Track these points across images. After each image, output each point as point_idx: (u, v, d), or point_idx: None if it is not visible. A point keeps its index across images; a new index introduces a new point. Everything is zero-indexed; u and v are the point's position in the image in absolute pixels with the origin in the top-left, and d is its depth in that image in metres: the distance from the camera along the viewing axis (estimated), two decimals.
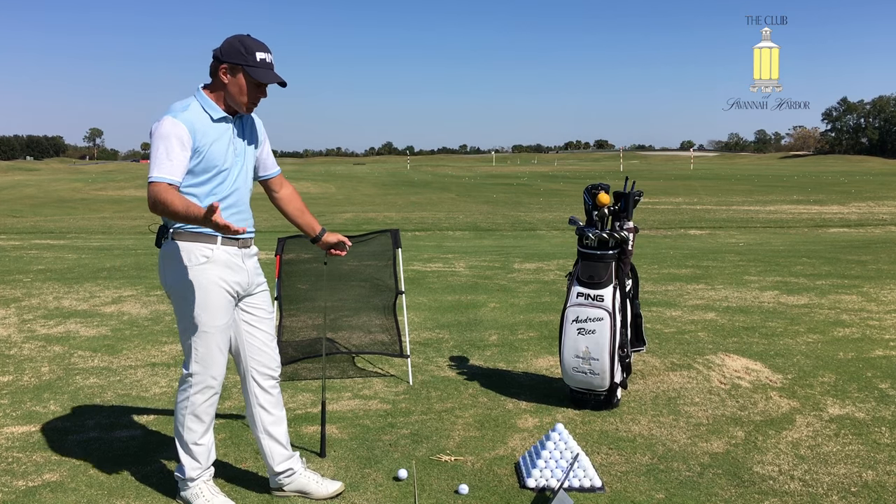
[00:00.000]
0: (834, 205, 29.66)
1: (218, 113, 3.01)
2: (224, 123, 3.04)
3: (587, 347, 4.37)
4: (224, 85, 2.98)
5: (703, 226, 20.80)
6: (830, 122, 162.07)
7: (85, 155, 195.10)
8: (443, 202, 35.61)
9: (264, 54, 2.96)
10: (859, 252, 12.33)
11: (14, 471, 3.60)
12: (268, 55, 2.98)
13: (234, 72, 2.95)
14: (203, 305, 3.02)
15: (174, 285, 3.05)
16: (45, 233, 19.87)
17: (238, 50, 2.93)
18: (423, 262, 11.17)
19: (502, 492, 3.37)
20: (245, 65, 2.94)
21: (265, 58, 2.97)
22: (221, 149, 3.01)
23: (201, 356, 3.07)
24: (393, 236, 5.31)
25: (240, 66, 2.94)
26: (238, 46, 2.94)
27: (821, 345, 5.88)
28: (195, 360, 3.07)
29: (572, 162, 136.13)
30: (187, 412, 3.13)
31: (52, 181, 56.95)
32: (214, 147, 2.98)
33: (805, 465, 3.61)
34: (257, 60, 2.94)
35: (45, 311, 7.38)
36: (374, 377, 5.14)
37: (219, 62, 2.97)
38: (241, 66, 2.94)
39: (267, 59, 2.97)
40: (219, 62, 2.97)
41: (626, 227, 4.61)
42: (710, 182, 52.23)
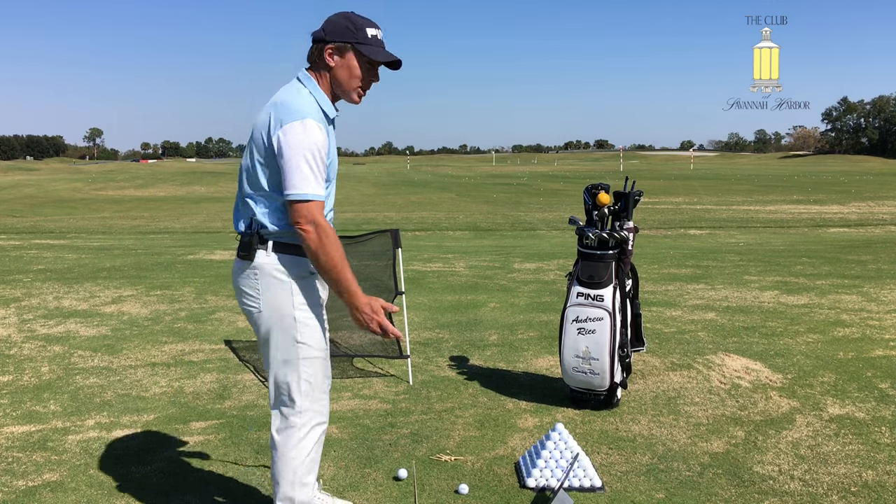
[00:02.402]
0: (834, 205, 29.65)
1: (332, 111, 2.63)
2: (332, 124, 2.66)
3: (587, 347, 4.37)
4: (330, 69, 2.57)
5: (703, 226, 20.79)
6: (830, 122, 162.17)
7: (85, 155, 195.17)
8: (443, 202, 35.60)
9: (375, 30, 2.59)
10: (859, 252, 12.33)
11: (14, 471, 3.60)
12: (378, 31, 2.60)
13: (343, 52, 2.55)
14: (314, 327, 2.61)
15: (279, 306, 2.55)
16: (45, 233, 19.87)
17: (345, 27, 2.54)
18: (423, 262, 11.17)
19: (502, 492, 3.37)
20: (356, 42, 2.54)
21: (376, 34, 2.59)
22: (334, 154, 2.64)
23: (312, 388, 2.61)
24: (393, 236, 5.31)
25: (349, 45, 2.54)
26: (345, 23, 2.55)
27: (821, 345, 5.88)
28: (304, 394, 2.60)
29: (572, 162, 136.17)
30: (303, 462, 2.64)
31: (52, 181, 56.97)
32: (332, 153, 2.60)
33: (805, 465, 3.61)
34: (368, 37, 2.56)
35: (45, 311, 7.38)
36: (374, 377, 5.14)
37: (324, 42, 2.55)
38: (350, 44, 2.54)
39: (378, 35, 2.60)
40: (324, 42, 2.55)
41: (626, 226, 4.61)
42: (710, 182, 52.23)
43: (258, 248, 2.52)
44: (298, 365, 2.58)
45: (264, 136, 2.48)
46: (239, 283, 2.61)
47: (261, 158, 2.50)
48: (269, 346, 2.59)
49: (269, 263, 2.53)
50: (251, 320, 2.63)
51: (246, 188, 2.56)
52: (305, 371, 2.59)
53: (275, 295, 2.53)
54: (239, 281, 2.60)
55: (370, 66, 2.59)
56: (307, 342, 2.58)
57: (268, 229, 2.53)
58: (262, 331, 2.59)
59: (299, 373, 2.58)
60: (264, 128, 2.48)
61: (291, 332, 2.55)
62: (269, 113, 2.49)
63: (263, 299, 2.54)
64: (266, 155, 2.48)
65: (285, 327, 2.55)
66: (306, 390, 2.59)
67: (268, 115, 2.49)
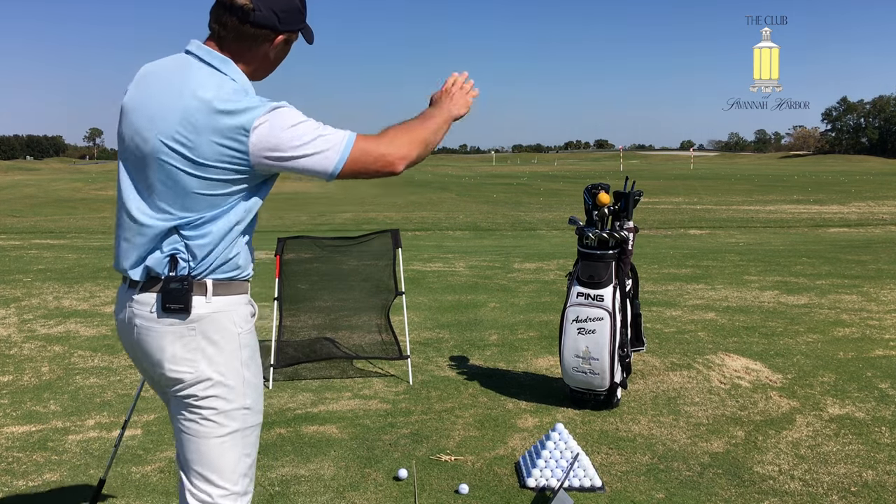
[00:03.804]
0: (834, 204, 29.64)
1: None
2: None
3: (587, 347, 4.37)
4: (262, 58, 2.04)
5: (703, 226, 20.78)
6: (830, 122, 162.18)
7: (85, 155, 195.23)
8: (443, 202, 35.58)
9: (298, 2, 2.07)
10: (859, 252, 12.33)
11: (14, 471, 3.60)
12: None
13: (291, 40, 2.09)
14: (257, 386, 2.08)
15: (225, 367, 1.98)
16: (45, 233, 19.86)
17: (296, 7, 2.04)
18: (423, 262, 11.17)
19: (502, 492, 3.37)
20: (302, 27, 2.09)
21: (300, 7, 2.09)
22: None
23: (252, 464, 2.11)
24: (393, 236, 5.31)
25: (296, 32, 2.08)
26: (295, 3, 2.03)
27: (821, 345, 5.88)
28: (247, 474, 2.09)
29: (572, 162, 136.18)
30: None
31: (52, 181, 56.96)
32: None
33: (805, 465, 3.61)
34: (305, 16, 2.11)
35: (45, 310, 7.38)
36: (374, 377, 5.14)
37: (275, 32, 2.00)
38: (299, 30, 2.08)
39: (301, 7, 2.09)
40: (275, 32, 2.00)
41: (626, 226, 4.61)
42: (710, 182, 52.22)
43: (194, 296, 1.93)
44: (246, 438, 2.05)
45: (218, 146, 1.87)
46: (158, 346, 1.96)
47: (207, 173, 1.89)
48: (202, 423, 1.99)
49: (215, 312, 1.95)
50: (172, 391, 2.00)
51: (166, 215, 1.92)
52: (251, 445, 2.08)
53: (220, 353, 1.97)
54: (157, 343, 1.96)
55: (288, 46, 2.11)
56: (253, 407, 2.06)
57: (208, 268, 1.95)
58: (192, 404, 1.98)
59: (244, 448, 2.05)
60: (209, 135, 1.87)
61: (239, 397, 2.01)
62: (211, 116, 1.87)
63: (204, 362, 1.95)
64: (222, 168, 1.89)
65: (232, 393, 1.99)
66: (249, 469, 2.09)
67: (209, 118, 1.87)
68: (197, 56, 2.00)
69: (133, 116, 1.99)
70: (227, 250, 1.97)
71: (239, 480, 2.06)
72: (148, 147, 1.93)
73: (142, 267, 1.97)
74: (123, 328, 2.06)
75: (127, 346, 2.09)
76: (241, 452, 2.05)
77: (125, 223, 2.01)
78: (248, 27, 1.98)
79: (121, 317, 2.06)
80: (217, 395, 1.99)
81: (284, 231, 16.04)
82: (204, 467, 2.02)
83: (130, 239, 1.99)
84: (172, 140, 1.90)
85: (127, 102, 2.03)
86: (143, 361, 2.04)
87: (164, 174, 1.91)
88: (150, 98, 1.98)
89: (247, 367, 2.04)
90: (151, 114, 1.95)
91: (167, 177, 1.91)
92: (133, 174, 1.99)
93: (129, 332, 2.02)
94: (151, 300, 1.96)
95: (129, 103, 2.02)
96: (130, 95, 2.03)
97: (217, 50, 2.00)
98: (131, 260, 1.99)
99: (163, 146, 1.90)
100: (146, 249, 1.96)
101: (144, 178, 1.96)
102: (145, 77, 2.05)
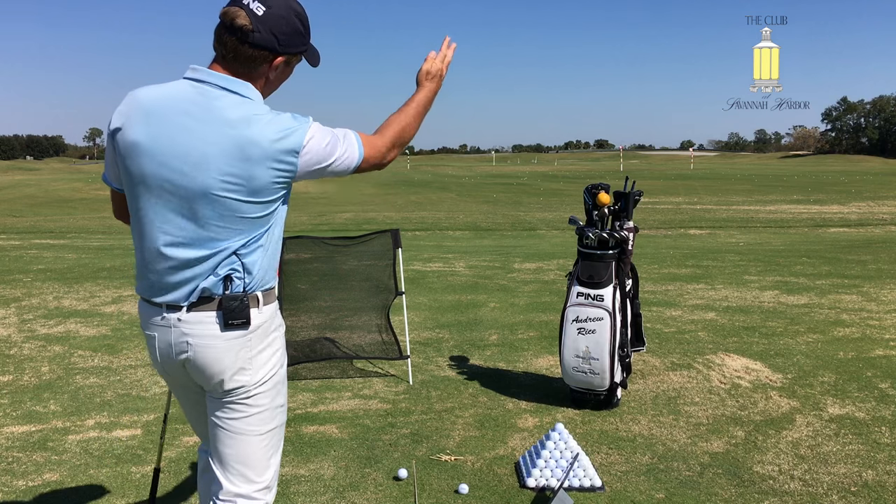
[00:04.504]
0: (834, 205, 29.65)
1: None
2: None
3: (587, 347, 4.37)
4: (261, 79, 2.04)
5: (703, 226, 20.79)
6: (830, 122, 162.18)
7: (85, 155, 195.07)
8: (443, 202, 35.59)
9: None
10: (859, 252, 12.33)
11: (14, 471, 3.60)
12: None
13: (292, 63, 2.10)
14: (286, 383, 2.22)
15: (270, 369, 2.09)
16: (45, 233, 19.86)
17: (298, 31, 2.03)
18: (423, 262, 11.17)
19: (502, 491, 3.37)
20: (305, 49, 2.09)
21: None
22: None
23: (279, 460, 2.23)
24: (393, 236, 5.31)
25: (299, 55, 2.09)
26: (297, 26, 2.02)
27: (821, 345, 5.88)
28: (275, 469, 2.19)
29: (572, 162, 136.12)
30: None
31: (52, 181, 56.94)
32: None
33: (805, 465, 3.62)
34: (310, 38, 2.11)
35: (45, 310, 7.38)
36: (374, 377, 5.14)
37: (274, 54, 2.00)
38: (301, 53, 2.09)
39: None
40: (274, 54, 2.00)
41: (626, 226, 4.61)
42: (710, 182, 52.22)
43: (251, 309, 2.01)
44: (280, 434, 2.18)
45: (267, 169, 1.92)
46: (218, 359, 2.01)
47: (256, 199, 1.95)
48: (246, 420, 2.07)
49: (263, 322, 2.05)
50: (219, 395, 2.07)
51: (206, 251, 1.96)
52: (281, 440, 2.20)
53: (267, 358, 2.08)
54: (217, 356, 2.00)
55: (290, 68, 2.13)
56: (286, 404, 2.20)
57: (259, 281, 2.03)
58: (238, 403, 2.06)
59: (278, 444, 2.17)
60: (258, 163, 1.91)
61: (279, 395, 2.14)
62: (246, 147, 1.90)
63: (255, 368, 2.05)
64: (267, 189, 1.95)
65: (274, 392, 2.11)
66: (277, 464, 2.19)
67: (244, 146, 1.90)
68: (212, 83, 1.97)
69: (161, 157, 1.92)
70: (271, 260, 2.09)
71: (273, 476, 2.17)
72: (196, 186, 1.92)
73: (192, 293, 1.99)
74: (166, 349, 2.05)
75: (168, 367, 2.09)
76: (276, 448, 2.17)
77: (157, 259, 2.00)
78: (247, 48, 1.96)
79: (162, 338, 2.04)
80: (264, 392, 2.09)
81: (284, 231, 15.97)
82: (243, 464, 2.10)
83: (169, 272, 1.99)
84: (228, 175, 1.91)
85: (142, 141, 1.93)
86: (198, 377, 2.07)
87: (221, 208, 1.94)
88: (181, 135, 1.92)
89: (282, 367, 2.17)
90: (190, 153, 1.91)
91: (224, 209, 1.94)
92: (165, 212, 1.96)
93: (177, 352, 2.03)
94: (207, 318, 1.99)
95: (147, 142, 1.93)
96: (144, 133, 1.94)
97: (225, 73, 1.99)
98: (175, 290, 2.00)
99: (217, 183, 1.91)
100: (196, 277, 1.98)
101: (188, 213, 1.95)
102: (158, 113, 1.95)
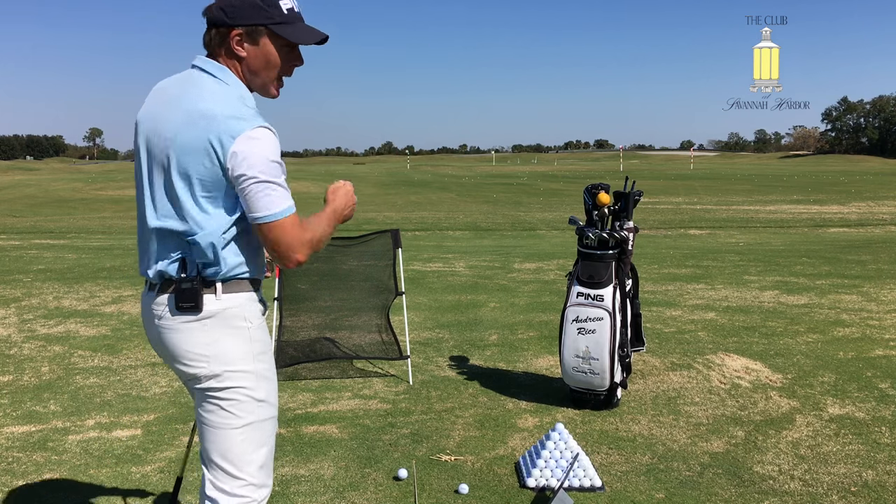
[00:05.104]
0: (834, 205, 29.64)
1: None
2: None
3: (587, 347, 4.37)
4: (241, 60, 2.05)
5: (703, 226, 20.78)
6: (830, 122, 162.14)
7: (85, 155, 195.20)
8: (443, 202, 35.59)
9: (289, 1, 2.06)
10: (859, 252, 12.33)
11: (14, 471, 3.60)
12: (293, 2, 2.08)
13: (255, 37, 2.03)
14: (272, 380, 2.15)
15: (236, 361, 2.06)
16: (45, 233, 19.86)
17: (253, 3, 2.00)
18: (423, 262, 11.17)
19: (502, 491, 3.37)
20: (270, 22, 2.02)
21: (291, 5, 2.06)
22: None
23: (269, 456, 2.16)
24: (393, 236, 5.31)
25: (263, 27, 2.02)
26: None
27: (821, 345, 5.88)
28: (264, 466, 2.14)
29: (572, 162, 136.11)
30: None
31: (52, 181, 56.94)
32: None
33: (805, 465, 3.62)
34: (284, 12, 2.03)
35: (45, 311, 7.38)
36: (374, 377, 5.14)
37: (229, 28, 2.01)
38: (264, 25, 2.02)
39: (294, 6, 2.07)
40: (229, 28, 2.01)
41: (626, 226, 4.61)
42: (710, 182, 52.22)
43: (204, 294, 2.02)
44: (262, 430, 2.12)
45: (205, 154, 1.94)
46: (176, 342, 2.06)
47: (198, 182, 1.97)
48: (218, 413, 2.07)
49: (221, 310, 2.04)
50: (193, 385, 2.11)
51: (172, 222, 2.01)
52: (268, 436, 2.14)
53: (230, 348, 2.05)
54: (176, 339, 2.05)
55: (289, 49, 2.09)
56: (268, 399, 2.12)
57: (216, 267, 2.03)
58: (209, 396, 2.07)
59: (260, 440, 2.11)
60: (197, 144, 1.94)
61: (251, 390, 2.08)
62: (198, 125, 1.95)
63: (214, 356, 2.04)
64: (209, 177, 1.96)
65: (245, 386, 2.07)
66: (266, 461, 2.14)
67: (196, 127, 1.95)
68: (198, 67, 2.09)
69: (142, 128, 2.10)
70: (232, 251, 2.05)
71: (256, 472, 2.12)
72: (156, 158, 2.04)
73: (157, 271, 2.07)
74: (149, 329, 2.17)
75: (154, 346, 2.20)
76: (257, 444, 2.12)
77: (142, 230, 2.13)
78: (212, 30, 2.07)
79: (145, 318, 2.17)
80: (231, 387, 2.07)
81: None
82: (222, 458, 2.09)
83: (147, 245, 2.11)
84: (171, 150, 1.99)
85: (139, 116, 2.13)
86: (167, 358, 2.15)
87: (169, 184, 2.02)
88: (156, 111, 2.08)
89: (259, 361, 2.11)
90: (157, 126, 2.05)
91: (171, 186, 2.01)
92: (145, 184, 2.09)
93: (154, 333, 2.14)
94: (168, 300, 2.06)
95: (140, 116, 2.13)
96: (142, 109, 2.14)
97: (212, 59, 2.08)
98: (148, 264, 2.11)
99: (177, 161, 1.99)
100: (159, 254, 2.07)
101: (154, 187, 2.06)
102: (155, 91, 2.16)
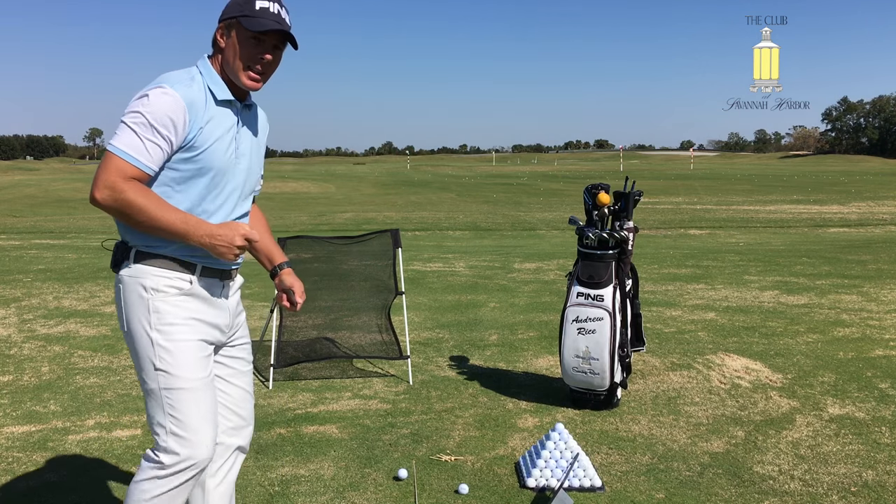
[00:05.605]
0: (834, 205, 29.64)
1: (223, 93, 2.25)
2: (229, 110, 2.28)
3: (587, 347, 4.37)
4: (222, 51, 2.27)
5: (703, 226, 20.78)
6: (830, 122, 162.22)
7: (85, 155, 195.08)
8: (443, 202, 35.59)
9: (268, 3, 2.21)
10: (859, 252, 12.33)
11: (14, 471, 3.60)
12: (272, 4, 2.22)
13: (231, 29, 2.24)
14: (177, 352, 2.22)
15: (137, 327, 2.22)
16: (45, 233, 19.86)
17: (236, 2, 2.24)
18: (423, 262, 11.17)
19: (502, 492, 3.37)
20: (241, 15, 2.20)
21: (267, 6, 2.21)
22: (223, 145, 2.24)
23: (180, 426, 2.20)
24: (393, 236, 5.31)
25: (235, 20, 2.22)
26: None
27: (821, 345, 5.88)
28: (170, 432, 2.20)
29: (572, 162, 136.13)
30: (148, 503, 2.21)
31: (52, 181, 56.91)
32: (216, 140, 2.23)
33: (805, 465, 3.62)
34: (256, 9, 2.20)
35: (45, 310, 7.38)
36: (374, 377, 5.14)
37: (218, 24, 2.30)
38: (235, 18, 2.21)
39: (270, 8, 2.21)
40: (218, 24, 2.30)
41: (626, 226, 4.61)
42: (710, 182, 52.22)
43: (123, 260, 2.28)
44: (161, 397, 2.20)
45: None
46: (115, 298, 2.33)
47: None
48: (139, 377, 2.26)
49: (130, 276, 2.24)
50: None
51: None
52: (169, 404, 2.20)
53: (134, 313, 2.22)
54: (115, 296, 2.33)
55: (255, 42, 2.21)
56: (167, 370, 2.19)
57: (132, 238, 2.25)
58: (131, 353, 2.28)
59: (163, 406, 2.20)
60: None
61: (150, 356, 2.20)
62: None
63: (125, 317, 2.25)
64: None
65: (144, 351, 2.21)
66: (172, 427, 2.19)
67: None
68: None
69: None
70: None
71: (167, 437, 2.19)
72: None
73: None
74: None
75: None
76: (165, 411, 2.21)
77: None
78: None
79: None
80: (131, 349, 2.27)
81: (284, 231, 16.06)
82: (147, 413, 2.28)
83: None
84: None
85: None
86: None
87: None
88: None
89: (157, 332, 2.20)
90: None
91: None
92: None
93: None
94: None
95: None
96: None
97: None
98: None
99: None
100: None
101: None
102: None
